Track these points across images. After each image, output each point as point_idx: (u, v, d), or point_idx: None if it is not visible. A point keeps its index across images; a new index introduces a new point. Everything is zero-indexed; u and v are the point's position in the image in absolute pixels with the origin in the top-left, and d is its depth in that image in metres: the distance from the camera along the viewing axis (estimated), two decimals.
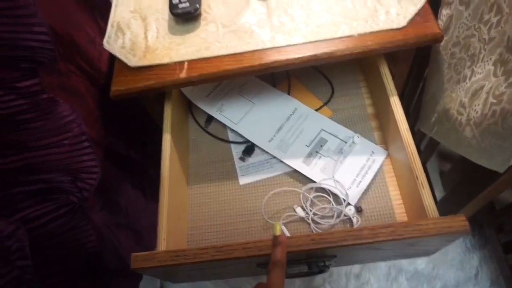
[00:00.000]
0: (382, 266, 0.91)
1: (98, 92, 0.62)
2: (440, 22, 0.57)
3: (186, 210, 0.60)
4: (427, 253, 0.58)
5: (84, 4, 0.65)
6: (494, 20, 0.46)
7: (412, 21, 0.51)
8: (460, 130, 0.56)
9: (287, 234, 0.55)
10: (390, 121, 0.55)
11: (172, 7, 0.54)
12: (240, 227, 0.58)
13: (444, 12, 0.56)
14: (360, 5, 0.53)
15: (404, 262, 0.90)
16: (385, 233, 0.41)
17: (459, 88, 0.56)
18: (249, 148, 0.63)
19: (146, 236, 0.75)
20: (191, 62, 0.53)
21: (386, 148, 0.60)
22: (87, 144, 0.49)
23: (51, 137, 0.48)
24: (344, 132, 0.62)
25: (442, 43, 0.56)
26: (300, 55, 0.50)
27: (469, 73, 0.53)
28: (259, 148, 0.63)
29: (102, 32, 0.61)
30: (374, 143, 0.61)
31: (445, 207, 0.80)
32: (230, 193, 0.61)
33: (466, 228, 0.41)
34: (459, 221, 0.41)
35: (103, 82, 0.63)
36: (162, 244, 0.48)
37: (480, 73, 0.51)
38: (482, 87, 0.50)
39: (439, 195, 0.99)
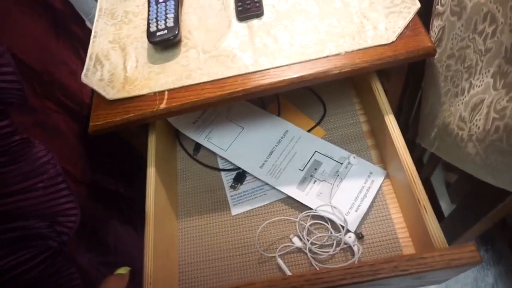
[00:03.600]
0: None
1: (80, 127, 0.60)
2: (432, 34, 0.54)
3: (176, 245, 0.56)
4: (437, 283, 0.53)
5: (65, 38, 0.63)
6: (489, 30, 0.43)
7: (401, 36, 0.48)
8: (462, 146, 0.53)
9: (286, 270, 0.51)
10: (386, 139, 0.52)
11: (150, 35, 0.52)
12: (234, 262, 0.54)
13: (436, 23, 0.53)
14: (346, 21, 0.51)
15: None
16: (387, 269, 0.37)
17: (458, 102, 0.53)
18: (240, 175, 0.60)
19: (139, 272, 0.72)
20: (171, 91, 0.50)
21: (385, 168, 0.57)
22: (64, 186, 0.47)
23: (25, 181, 0.45)
24: (339, 152, 0.59)
25: (436, 56, 0.53)
26: (285, 78, 0.48)
27: (467, 86, 0.50)
28: (251, 175, 0.59)
29: (83, 64, 0.59)
30: (372, 163, 0.57)
31: (453, 224, 0.76)
32: (222, 224, 0.57)
33: (476, 259, 0.37)
34: (469, 251, 0.37)
35: (86, 115, 0.61)
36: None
37: (479, 86, 0.47)
38: (482, 101, 0.47)
39: (447, 207, 0.95)
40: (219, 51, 0.52)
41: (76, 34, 0.68)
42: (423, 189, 0.45)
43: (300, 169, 0.58)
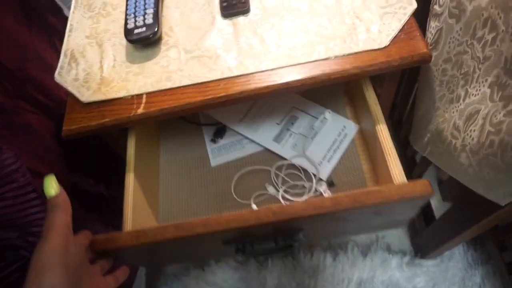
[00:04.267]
0: (379, 285, 0.86)
1: (57, 126, 0.57)
2: (429, 35, 0.51)
3: (157, 198, 0.59)
4: (397, 224, 0.58)
5: (40, 30, 0.59)
6: (489, 37, 0.40)
7: (395, 39, 0.45)
8: (455, 155, 0.51)
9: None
10: (360, 97, 0.53)
11: (127, 32, 0.49)
12: (212, 209, 0.57)
13: (433, 24, 0.49)
14: (337, 22, 0.47)
15: (402, 281, 0.85)
16: (347, 201, 0.37)
17: (453, 109, 0.50)
18: (220, 130, 0.62)
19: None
20: (150, 94, 0.47)
21: (358, 123, 0.60)
22: (34, 195, 0.44)
23: None
24: (315, 108, 0.61)
25: (432, 59, 0.50)
26: (270, 84, 0.45)
27: (462, 93, 0.47)
28: (230, 129, 0.62)
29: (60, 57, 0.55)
30: (346, 118, 0.60)
31: (442, 228, 0.75)
32: (203, 176, 0.60)
33: (429, 192, 0.38)
34: (422, 185, 0.38)
35: (63, 112, 0.58)
36: (128, 225, 0.46)
37: (475, 95, 0.45)
38: (477, 111, 0.44)
39: (438, 204, 0.94)
40: (202, 51, 0.48)
41: (52, 25, 0.63)
42: (390, 140, 0.47)
43: (277, 123, 0.61)
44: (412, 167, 0.95)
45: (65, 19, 0.64)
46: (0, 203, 0.43)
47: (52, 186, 0.35)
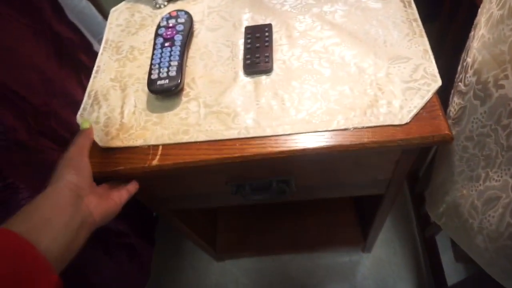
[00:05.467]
0: None
1: None
2: (452, 110, 0.50)
3: None
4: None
5: (69, 67, 0.61)
6: None
7: (417, 116, 0.44)
8: (471, 235, 0.49)
9: None
10: None
11: (150, 82, 0.50)
12: None
13: (457, 100, 0.49)
14: (359, 91, 0.47)
15: None
16: None
17: (472, 187, 0.49)
18: None
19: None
20: (166, 146, 0.47)
21: None
22: None
23: None
24: None
25: (453, 133, 0.49)
26: (286, 149, 0.44)
27: (483, 175, 0.46)
28: None
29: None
30: None
31: None
32: None
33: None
34: None
35: None
36: None
37: (497, 181, 0.43)
38: (498, 198, 0.43)
39: (449, 262, 0.90)
40: (221, 107, 0.49)
41: (81, 62, 0.66)
42: None
43: None
44: (426, 225, 0.93)
45: (93, 54, 0.67)
46: None
47: (88, 122, 0.49)
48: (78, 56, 0.64)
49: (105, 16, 0.70)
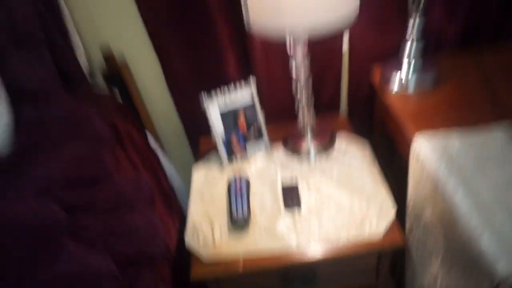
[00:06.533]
0: None
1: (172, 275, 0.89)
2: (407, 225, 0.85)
3: None
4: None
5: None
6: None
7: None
8: None
9: None
10: None
11: (232, 221, 0.85)
12: None
13: (408, 221, 0.85)
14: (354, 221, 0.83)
15: None
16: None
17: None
18: None
19: None
20: (244, 259, 0.81)
21: None
22: None
23: None
24: None
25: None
26: (310, 260, 0.78)
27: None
28: None
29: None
30: None
31: None
32: None
33: None
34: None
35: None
36: None
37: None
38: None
39: None
40: (273, 232, 0.84)
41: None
42: None
43: None
44: None
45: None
46: None
47: None
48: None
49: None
